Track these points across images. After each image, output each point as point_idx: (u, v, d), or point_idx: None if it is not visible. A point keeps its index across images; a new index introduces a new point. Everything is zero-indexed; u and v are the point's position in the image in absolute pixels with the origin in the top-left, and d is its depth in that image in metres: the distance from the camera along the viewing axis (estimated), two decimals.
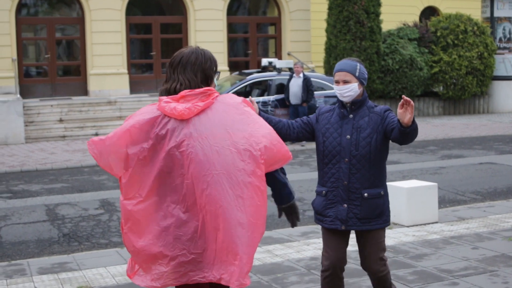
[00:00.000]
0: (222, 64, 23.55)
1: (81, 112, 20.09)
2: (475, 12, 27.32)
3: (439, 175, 12.62)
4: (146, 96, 21.96)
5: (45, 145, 17.81)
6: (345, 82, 4.68)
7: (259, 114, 4.48)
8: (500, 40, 25.32)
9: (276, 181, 3.88)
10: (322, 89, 18.04)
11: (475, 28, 24.13)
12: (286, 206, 4.02)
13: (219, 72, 3.92)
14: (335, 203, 4.77)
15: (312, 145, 16.90)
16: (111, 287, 6.31)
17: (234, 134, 3.55)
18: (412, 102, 4.30)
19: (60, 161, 15.02)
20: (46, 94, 21.70)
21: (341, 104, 4.78)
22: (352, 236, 4.95)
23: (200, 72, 3.73)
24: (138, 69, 23.84)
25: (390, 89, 22.80)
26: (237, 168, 3.51)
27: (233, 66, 24.29)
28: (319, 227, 8.64)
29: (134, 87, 22.59)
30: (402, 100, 4.35)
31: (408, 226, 8.43)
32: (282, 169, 3.91)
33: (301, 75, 17.06)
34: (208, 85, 3.75)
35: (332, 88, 18.03)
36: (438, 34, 23.99)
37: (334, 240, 4.85)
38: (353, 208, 4.74)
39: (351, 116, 4.74)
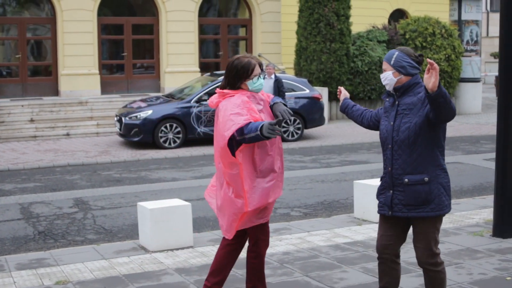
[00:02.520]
0: (193, 65, 23.73)
1: (52, 113, 20.11)
2: (443, 15, 27.77)
3: None
4: (117, 96, 22.02)
5: (16, 145, 17.81)
6: (384, 70, 4.98)
7: (344, 100, 5.56)
8: (467, 42, 25.76)
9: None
10: (293, 90, 18.26)
11: (443, 31, 24.56)
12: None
13: (257, 76, 5.21)
14: (385, 189, 5.03)
15: (284, 145, 17.12)
16: (89, 281, 6.45)
17: (221, 122, 5.09)
18: (436, 65, 4.43)
19: (32, 161, 15.05)
20: (17, 94, 21.66)
21: (388, 92, 5.06)
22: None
23: (226, 77, 5.24)
24: (110, 69, 23.88)
25: (359, 90, 23.11)
26: (218, 142, 5.11)
27: (204, 67, 24.45)
28: (290, 224, 8.91)
29: (105, 88, 22.63)
30: (427, 65, 4.47)
31: (377, 223, 8.65)
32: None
33: (273, 76, 17.24)
34: (234, 88, 5.18)
35: (303, 90, 18.31)
36: (407, 36, 24.36)
37: (382, 226, 5.11)
38: (398, 194, 4.93)
39: (396, 102, 4.97)
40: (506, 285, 6.02)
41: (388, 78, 4.94)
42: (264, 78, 5.33)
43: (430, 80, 4.46)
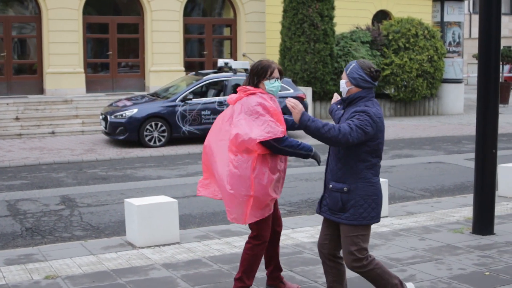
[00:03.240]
0: (178, 65, 23.84)
1: (37, 111, 20.15)
2: (426, 16, 28.04)
3: (390, 173, 13.11)
4: (102, 95, 22.09)
5: (1, 143, 17.84)
6: (342, 78, 5.23)
7: (332, 105, 5.75)
8: (450, 44, 26.03)
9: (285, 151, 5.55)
10: None
11: (426, 32, 24.80)
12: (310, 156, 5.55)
13: (275, 78, 5.64)
14: (323, 189, 5.34)
15: None
16: (78, 276, 6.57)
17: (234, 121, 5.54)
18: (295, 105, 4.91)
19: (18, 159, 15.11)
20: (2, 92, 21.66)
21: (342, 100, 5.34)
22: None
23: (248, 76, 5.72)
24: (95, 68, 23.94)
25: None
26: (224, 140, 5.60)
27: (189, 66, 24.56)
28: None
29: (90, 86, 22.69)
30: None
31: None
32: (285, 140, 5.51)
33: None
34: (254, 86, 5.65)
35: (287, 89, 18.46)
36: (390, 37, 24.58)
37: (322, 225, 5.39)
38: (326, 197, 5.25)
39: (343, 111, 5.26)
40: (484, 280, 6.21)
41: (342, 86, 5.20)
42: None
43: (293, 110, 4.94)
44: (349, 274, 5.67)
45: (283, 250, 7.36)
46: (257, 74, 5.66)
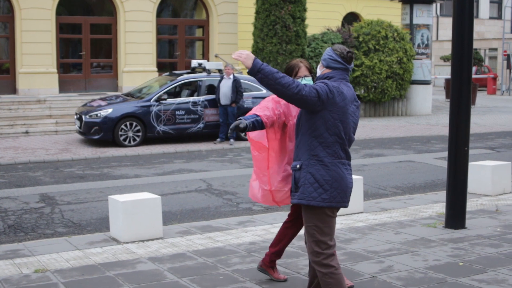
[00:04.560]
0: (151, 65, 23.98)
1: (10, 111, 20.16)
2: (395, 19, 28.52)
3: (362, 172, 13.42)
4: (75, 95, 22.15)
5: None
6: None
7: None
8: (419, 46, 26.49)
9: None
10: (250, 90, 18.65)
11: (395, 34, 25.24)
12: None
13: (301, 77, 5.64)
14: None
15: (240, 144, 17.54)
16: (67, 270, 6.74)
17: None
18: (239, 53, 4.99)
19: None
20: None
21: None
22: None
23: None
24: (68, 68, 23.97)
25: None
26: None
27: (162, 67, 24.73)
28: (254, 217, 9.32)
29: (63, 87, 22.74)
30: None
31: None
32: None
33: (231, 76, 17.64)
34: None
35: (260, 90, 18.72)
36: (360, 39, 24.96)
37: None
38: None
39: None
40: (459, 270, 6.52)
41: (317, 72, 5.27)
42: (223, 78, 5.97)
43: (241, 59, 4.92)
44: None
45: (265, 244, 7.60)
46: (286, 73, 5.78)
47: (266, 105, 5.74)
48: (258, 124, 5.57)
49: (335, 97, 4.89)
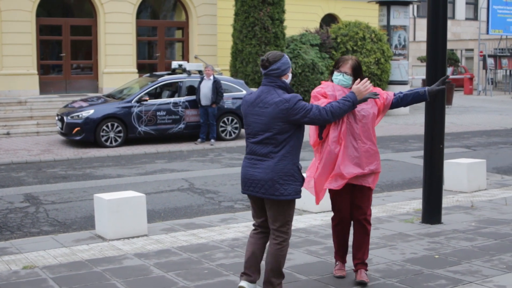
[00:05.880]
0: (131, 66, 24.11)
1: None
2: (373, 20, 28.84)
3: None
4: (56, 96, 22.22)
5: None
6: None
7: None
8: (396, 47, 26.84)
9: None
10: (230, 91, 18.85)
11: (373, 35, 25.57)
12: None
13: (341, 72, 6.11)
14: None
15: (221, 144, 17.75)
16: (55, 266, 6.92)
17: None
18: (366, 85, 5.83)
19: None
20: None
21: None
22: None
23: None
24: (48, 70, 24.04)
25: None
26: None
27: (142, 68, 24.87)
28: (236, 214, 9.55)
29: (44, 88, 22.81)
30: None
31: (316, 213, 9.36)
32: None
33: (212, 77, 17.83)
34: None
35: (239, 90, 18.92)
36: (338, 40, 25.26)
37: None
38: None
39: None
40: (434, 262, 6.78)
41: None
42: (203, 79, 6.18)
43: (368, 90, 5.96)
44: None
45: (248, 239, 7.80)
46: (334, 66, 6.24)
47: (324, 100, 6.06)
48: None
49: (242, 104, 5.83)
